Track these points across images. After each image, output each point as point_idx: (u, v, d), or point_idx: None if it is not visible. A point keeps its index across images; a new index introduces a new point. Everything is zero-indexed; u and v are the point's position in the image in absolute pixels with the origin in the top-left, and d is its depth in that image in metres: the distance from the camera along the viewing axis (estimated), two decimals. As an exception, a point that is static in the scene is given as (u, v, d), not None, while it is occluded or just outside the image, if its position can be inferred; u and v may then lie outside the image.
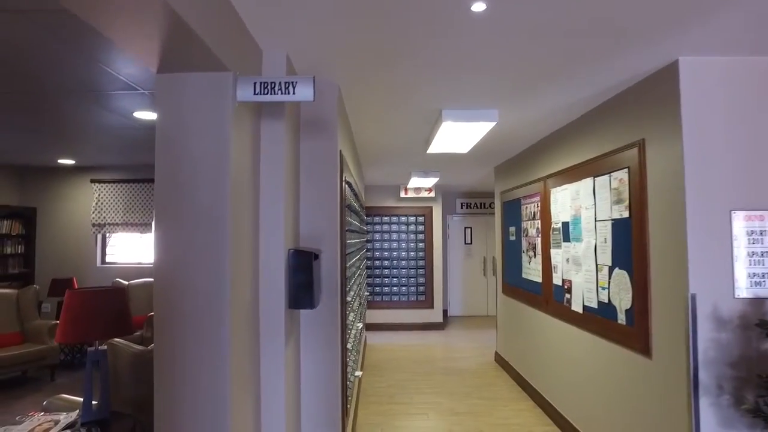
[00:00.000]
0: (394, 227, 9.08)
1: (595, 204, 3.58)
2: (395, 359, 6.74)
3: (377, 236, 9.06)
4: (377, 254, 9.03)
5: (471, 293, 10.38)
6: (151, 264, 7.68)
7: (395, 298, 8.94)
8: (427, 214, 9.09)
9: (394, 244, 9.05)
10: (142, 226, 7.54)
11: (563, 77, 3.03)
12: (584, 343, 3.77)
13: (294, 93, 1.99)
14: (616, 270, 3.23)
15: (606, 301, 3.36)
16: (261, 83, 1.99)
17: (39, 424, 2.33)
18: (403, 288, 8.97)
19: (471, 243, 10.46)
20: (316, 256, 2.46)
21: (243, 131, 2.13)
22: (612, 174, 3.31)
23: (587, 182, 3.70)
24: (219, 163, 2.03)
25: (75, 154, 6.60)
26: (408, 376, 5.89)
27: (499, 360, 6.36)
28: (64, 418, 2.43)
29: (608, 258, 3.35)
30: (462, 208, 10.43)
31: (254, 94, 2.00)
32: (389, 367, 6.30)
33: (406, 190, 8.82)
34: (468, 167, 6.87)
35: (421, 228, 9.07)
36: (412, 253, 9.04)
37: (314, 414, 2.85)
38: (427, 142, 4.78)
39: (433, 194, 8.94)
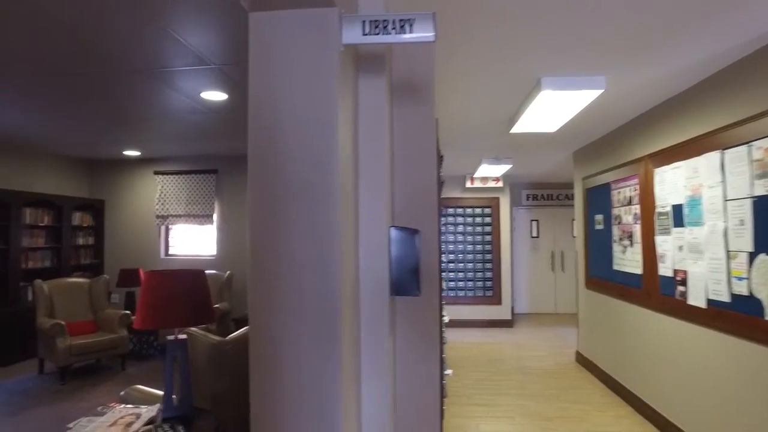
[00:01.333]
0: (460, 219, 8.67)
1: (723, 181, 3.07)
2: (467, 357, 6.35)
3: (442, 228, 8.66)
4: (442, 247, 8.64)
5: (538, 289, 9.83)
6: (211, 256, 7.67)
7: (461, 294, 8.54)
8: (494, 205, 8.63)
9: (460, 237, 8.65)
10: (204, 218, 7.49)
11: (689, 32, 2.57)
12: (709, 343, 3.26)
13: (411, 32, 1.65)
14: (761, 256, 2.73)
15: (746, 293, 2.86)
16: (371, 21, 1.66)
17: (121, 417, 2.13)
18: (470, 283, 8.55)
19: (538, 236, 9.90)
20: (416, 232, 2.13)
21: (345, 85, 1.81)
22: (753, 143, 2.81)
23: (711, 157, 3.20)
24: (324, 122, 1.70)
25: (140, 144, 6.59)
26: (484, 375, 5.50)
27: (582, 360, 5.86)
28: (146, 411, 2.21)
29: (747, 243, 2.84)
30: (528, 199, 9.88)
31: (363, 35, 1.67)
32: (463, 366, 5.92)
33: (472, 179, 8.39)
34: (543, 153, 6.38)
35: (487, 220, 8.62)
36: (479, 247, 8.61)
37: (412, 414, 2.52)
38: (512, 121, 4.37)
39: (500, 184, 8.47)
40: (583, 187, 5.84)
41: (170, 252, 7.76)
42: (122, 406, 2.32)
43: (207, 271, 6.90)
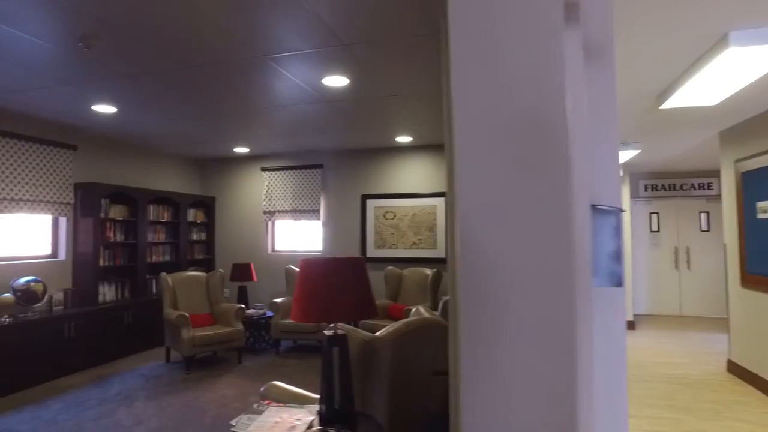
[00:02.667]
0: (574, 211, 8.03)
1: None
2: (592, 361, 5.80)
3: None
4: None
5: (660, 289, 8.93)
6: (317, 251, 7.67)
7: (577, 292, 7.91)
8: (612, 196, 7.89)
9: (574, 231, 8.01)
10: (310, 213, 7.48)
11: None
12: None
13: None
14: None
15: None
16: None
17: (279, 418, 1.96)
18: (586, 280, 7.89)
19: (658, 231, 9.00)
20: (620, 211, 1.75)
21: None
22: None
23: None
24: (548, 87, 1.37)
25: (249, 141, 6.67)
26: (619, 383, 4.95)
27: (737, 370, 5.11)
28: (303, 413, 2.03)
29: None
30: (646, 190, 9.01)
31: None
32: (589, 370, 5.38)
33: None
34: (680, 135, 5.67)
35: (605, 212, 7.91)
36: (596, 241, 7.92)
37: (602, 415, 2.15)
38: (663, 95, 3.82)
39: (621, 173, 7.74)
40: (735, 171, 5.09)
41: (276, 248, 7.85)
42: (276, 405, 2.16)
43: (314, 266, 6.90)
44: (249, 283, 7.63)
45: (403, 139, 6.61)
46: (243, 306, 5.82)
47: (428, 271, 6.38)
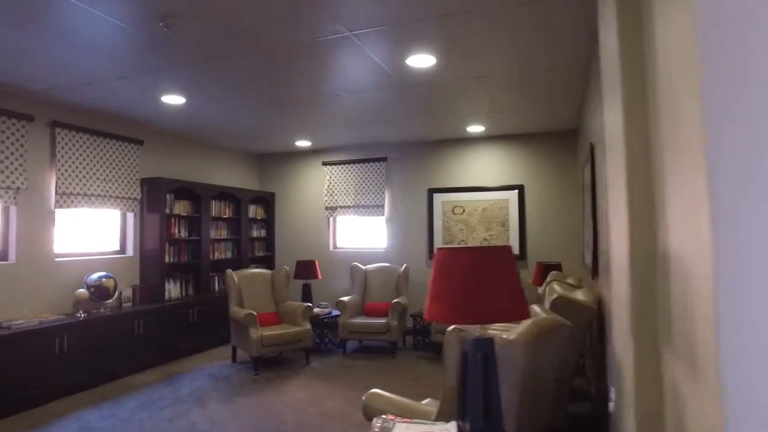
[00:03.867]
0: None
1: None
2: None
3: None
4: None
5: None
6: (381, 248, 7.39)
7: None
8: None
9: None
10: (373, 209, 7.20)
11: None
12: None
13: None
14: None
15: None
16: None
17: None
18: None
19: None
20: None
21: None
22: None
23: None
24: None
25: (312, 133, 6.45)
26: None
27: None
28: (440, 430, 1.71)
29: None
30: None
31: None
32: None
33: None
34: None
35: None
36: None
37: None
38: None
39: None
40: None
41: (338, 245, 7.62)
42: (402, 420, 1.84)
43: (380, 264, 6.63)
44: (313, 281, 7.40)
45: (476, 128, 6.23)
46: (310, 305, 5.58)
47: (502, 269, 5.97)
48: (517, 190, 6.59)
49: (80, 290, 4.85)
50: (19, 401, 4.07)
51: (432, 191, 6.98)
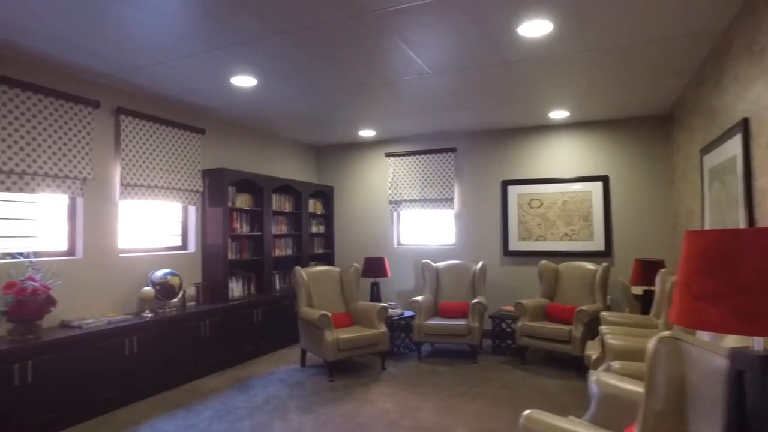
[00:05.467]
0: None
1: None
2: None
3: None
4: None
5: None
6: (450, 245, 6.91)
7: None
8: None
9: None
10: (442, 202, 6.73)
11: None
12: None
13: None
14: None
15: None
16: None
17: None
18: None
19: None
20: None
21: None
22: None
23: None
24: None
25: (378, 122, 6.02)
26: None
27: None
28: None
29: None
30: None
31: None
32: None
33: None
34: None
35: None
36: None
37: None
38: None
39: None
40: None
41: (401, 241, 7.17)
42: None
43: (452, 262, 6.14)
44: (381, 280, 6.94)
45: (559, 114, 5.69)
46: (385, 305, 5.15)
47: (592, 267, 5.43)
48: (601, 182, 6.02)
49: (146, 288, 4.53)
50: (91, 405, 3.75)
51: (506, 183, 6.46)
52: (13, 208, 3.91)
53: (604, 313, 4.39)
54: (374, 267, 5.96)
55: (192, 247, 5.45)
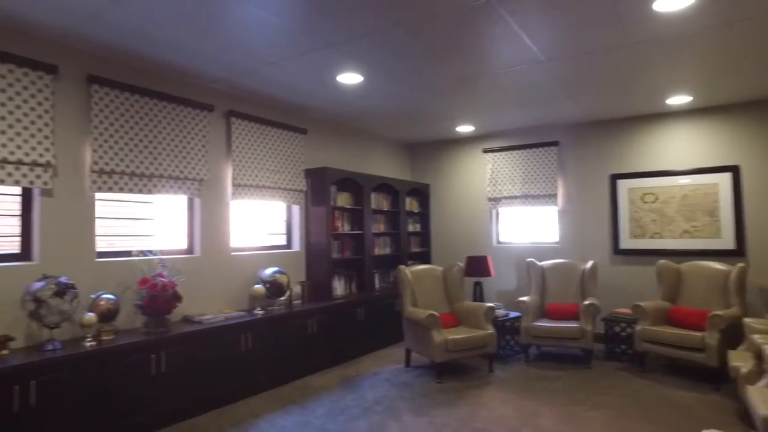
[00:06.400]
0: None
1: None
2: None
3: None
4: None
5: None
6: (554, 243, 6.56)
7: None
8: None
9: None
10: (544, 198, 6.40)
11: None
12: None
13: None
14: None
15: None
16: None
17: None
18: None
19: None
20: None
21: None
22: None
23: None
24: None
25: (477, 117, 5.82)
26: None
27: None
28: None
29: None
30: None
31: None
32: None
33: None
34: None
35: None
36: None
37: None
38: None
39: None
40: None
41: (501, 239, 6.90)
42: None
43: (558, 261, 5.80)
44: (483, 279, 6.71)
45: (679, 99, 5.19)
46: (492, 306, 4.94)
47: (722, 267, 4.89)
48: (730, 173, 5.42)
49: (257, 286, 4.65)
50: (213, 397, 3.89)
51: (615, 177, 6.01)
52: (133, 208, 4.15)
53: (748, 320, 3.91)
54: (477, 266, 5.77)
55: (296, 245, 5.55)
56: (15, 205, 3.42)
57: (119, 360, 3.28)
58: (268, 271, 4.82)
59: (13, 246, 3.39)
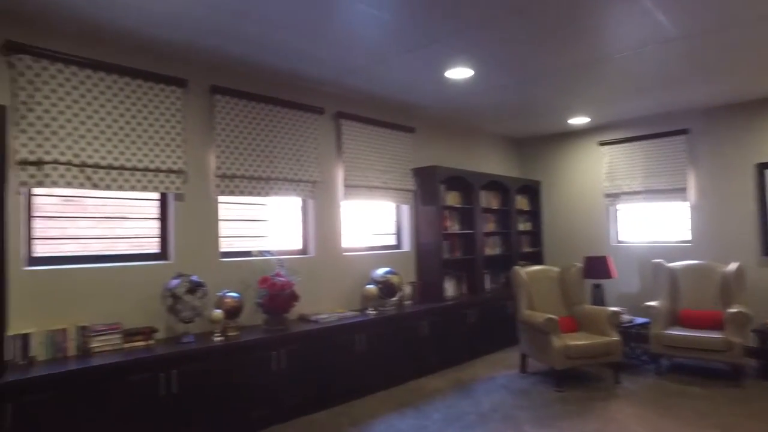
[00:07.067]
0: None
1: None
2: None
3: None
4: None
5: None
6: (685, 242, 5.90)
7: None
8: None
9: None
10: (672, 193, 5.79)
11: None
12: None
13: None
14: None
15: None
16: None
17: None
18: None
19: None
20: None
21: None
22: None
23: None
24: None
25: (592, 107, 5.39)
26: None
27: None
28: None
29: None
30: None
31: None
32: None
33: None
34: None
35: None
36: None
37: None
38: None
39: None
40: None
41: (621, 238, 6.36)
42: None
43: (691, 262, 5.17)
44: (604, 281, 6.20)
45: None
46: (617, 310, 4.54)
47: None
48: None
49: (369, 286, 4.67)
50: (330, 395, 3.95)
51: (763, 166, 5.27)
52: (247, 211, 4.33)
53: None
54: (596, 267, 5.34)
55: (406, 245, 5.51)
56: (153, 209, 3.71)
57: (244, 355, 3.43)
58: (380, 271, 4.82)
59: (153, 246, 3.68)
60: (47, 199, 3.25)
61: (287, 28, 3.26)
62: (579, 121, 6.09)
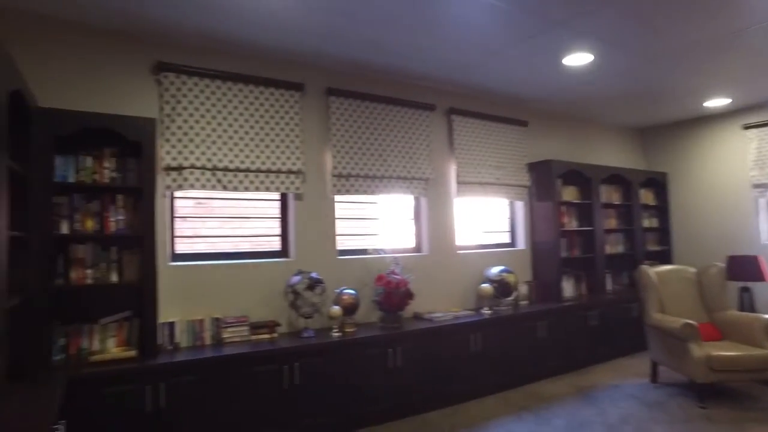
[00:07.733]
0: None
1: None
2: None
3: None
4: None
5: None
6: None
7: None
8: None
9: None
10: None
11: None
12: None
13: None
14: None
15: None
16: None
17: None
18: None
19: None
20: None
21: None
22: None
23: None
24: None
25: (734, 86, 4.76)
26: None
27: None
28: None
29: None
30: None
31: None
32: None
33: None
34: None
35: None
36: None
37: None
38: None
39: None
40: None
41: (771, 235, 5.59)
42: None
43: None
44: (753, 285, 5.48)
45: None
46: (773, 317, 3.97)
47: None
48: None
49: (484, 285, 4.54)
50: (445, 395, 3.90)
51: None
52: (359, 210, 4.40)
53: None
54: (743, 267, 4.73)
55: (521, 243, 5.30)
56: (275, 209, 3.92)
57: (360, 351, 3.49)
58: (495, 269, 4.68)
59: (275, 244, 3.89)
60: (182, 202, 3.55)
61: (396, 27, 3.25)
62: (717, 103, 5.43)
